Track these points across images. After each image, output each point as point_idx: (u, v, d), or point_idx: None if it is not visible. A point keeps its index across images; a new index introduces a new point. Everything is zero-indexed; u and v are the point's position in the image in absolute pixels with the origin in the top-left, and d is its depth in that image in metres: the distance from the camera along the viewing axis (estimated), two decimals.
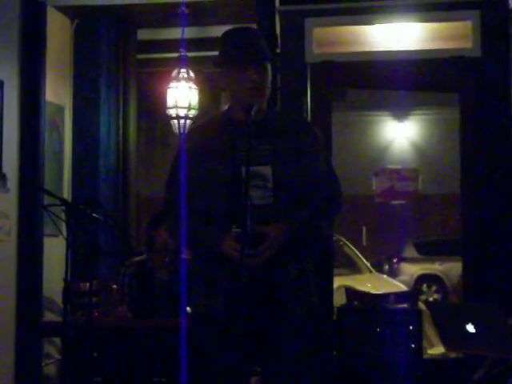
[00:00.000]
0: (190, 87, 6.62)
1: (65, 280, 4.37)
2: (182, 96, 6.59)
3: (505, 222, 5.26)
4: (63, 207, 4.32)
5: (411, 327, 4.84)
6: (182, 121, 6.63)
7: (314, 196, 2.98)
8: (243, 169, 2.75)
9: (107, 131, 6.41)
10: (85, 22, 6.38)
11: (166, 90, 6.63)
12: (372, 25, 5.60)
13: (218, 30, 6.87)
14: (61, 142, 6.15)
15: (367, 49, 5.59)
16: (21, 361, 5.44)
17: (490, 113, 5.34)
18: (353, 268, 10.20)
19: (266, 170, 2.90)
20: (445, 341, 4.13)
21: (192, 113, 6.64)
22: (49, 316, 5.71)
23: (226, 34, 3.04)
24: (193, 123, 6.57)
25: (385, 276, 11.25)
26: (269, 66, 2.99)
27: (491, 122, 5.35)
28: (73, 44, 6.35)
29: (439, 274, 13.67)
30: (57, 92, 6.08)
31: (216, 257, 2.88)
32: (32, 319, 5.47)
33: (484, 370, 3.82)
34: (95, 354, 4.87)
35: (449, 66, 5.45)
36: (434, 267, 13.72)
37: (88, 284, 4.50)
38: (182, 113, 6.60)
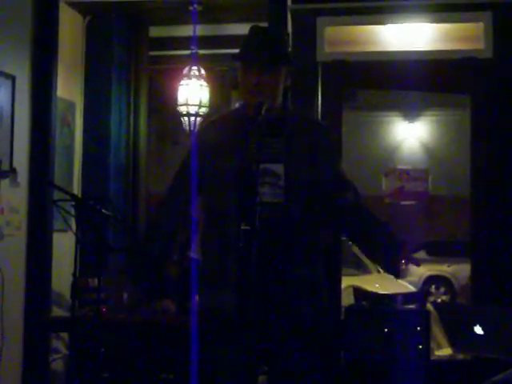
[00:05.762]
0: (201, 85, 6.63)
1: (73, 275, 4.39)
2: (192, 93, 6.60)
3: None
4: (73, 203, 4.34)
5: (419, 328, 4.83)
6: (192, 118, 6.64)
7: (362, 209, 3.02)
8: (253, 166, 2.73)
9: (118, 128, 6.42)
10: (97, 19, 6.37)
11: (177, 87, 6.64)
12: (384, 25, 5.59)
13: (229, 28, 6.91)
14: (71, 138, 6.16)
15: (379, 49, 5.58)
16: (28, 355, 5.45)
17: (501, 115, 5.33)
18: (361, 268, 10.18)
19: (279, 168, 2.88)
20: (452, 342, 4.13)
21: (203, 110, 6.66)
22: (57, 311, 5.72)
23: (249, 29, 3.01)
24: (203, 120, 6.58)
25: (393, 276, 11.21)
26: (281, 68, 2.95)
27: (502, 124, 5.33)
28: (85, 40, 6.34)
29: (447, 275, 13.66)
30: (68, 88, 6.08)
31: (225, 254, 2.88)
32: (40, 314, 5.48)
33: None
34: (103, 350, 4.89)
35: (460, 67, 5.44)
36: (443, 268, 13.71)
37: (96, 279, 4.51)
38: (192, 110, 6.61)
